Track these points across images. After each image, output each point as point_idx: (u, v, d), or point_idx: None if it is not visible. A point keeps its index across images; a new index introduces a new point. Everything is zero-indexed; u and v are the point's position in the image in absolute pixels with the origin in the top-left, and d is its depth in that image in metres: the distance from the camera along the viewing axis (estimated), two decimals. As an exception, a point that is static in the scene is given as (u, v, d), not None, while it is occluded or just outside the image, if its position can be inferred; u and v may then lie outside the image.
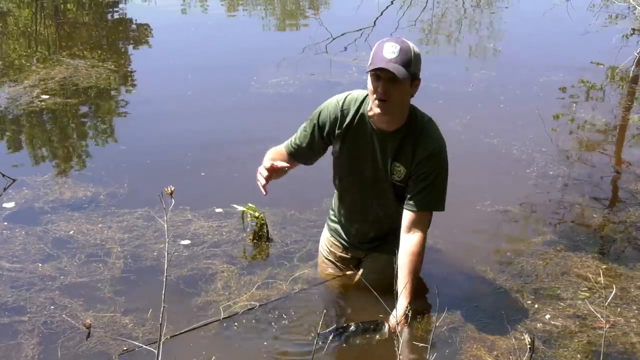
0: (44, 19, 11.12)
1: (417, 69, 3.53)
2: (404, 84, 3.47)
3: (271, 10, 12.15)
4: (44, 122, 6.77)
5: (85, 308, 3.99)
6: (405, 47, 3.46)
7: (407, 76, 3.44)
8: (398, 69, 3.41)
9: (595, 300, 4.03)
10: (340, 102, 3.74)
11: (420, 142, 3.62)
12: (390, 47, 3.45)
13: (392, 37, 3.53)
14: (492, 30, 10.41)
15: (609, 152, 6.26)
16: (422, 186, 3.67)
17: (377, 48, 3.50)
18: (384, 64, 3.42)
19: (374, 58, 3.48)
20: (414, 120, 3.65)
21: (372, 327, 3.71)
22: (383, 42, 3.50)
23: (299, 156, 3.98)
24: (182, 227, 4.83)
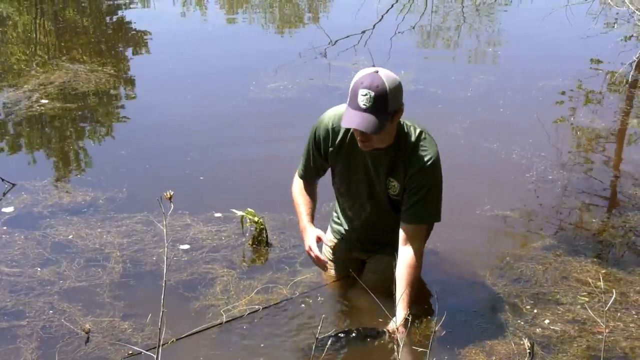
0: (44, 23, 11.12)
1: (395, 104, 3.45)
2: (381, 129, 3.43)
3: (270, 15, 12.15)
4: (43, 127, 6.77)
5: (84, 313, 4.00)
6: (380, 91, 3.37)
7: (380, 127, 3.40)
8: (370, 124, 3.38)
9: (594, 305, 4.03)
10: (331, 120, 3.73)
11: (412, 159, 3.61)
12: (364, 96, 3.38)
13: (369, 75, 3.41)
14: (492, 35, 10.41)
15: (608, 156, 6.26)
16: (415, 200, 3.66)
17: (353, 86, 3.44)
18: (356, 123, 3.39)
19: (351, 99, 3.44)
20: (404, 137, 3.62)
21: (372, 334, 3.71)
22: (359, 85, 3.41)
23: (313, 176, 4.02)
24: (181, 232, 4.83)
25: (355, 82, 3.43)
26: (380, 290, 3.82)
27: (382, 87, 3.38)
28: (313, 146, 3.83)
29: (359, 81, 3.42)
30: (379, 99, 3.38)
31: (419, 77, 7.89)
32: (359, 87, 3.40)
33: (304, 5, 12.84)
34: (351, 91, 3.45)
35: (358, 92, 3.40)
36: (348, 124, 3.42)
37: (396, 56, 8.72)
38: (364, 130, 3.39)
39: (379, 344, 3.69)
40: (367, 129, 3.38)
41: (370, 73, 3.42)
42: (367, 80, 3.40)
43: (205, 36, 10.48)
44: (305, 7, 12.74)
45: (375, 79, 3.39)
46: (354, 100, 3.42)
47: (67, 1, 12.33)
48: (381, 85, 3.38)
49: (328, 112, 3.78)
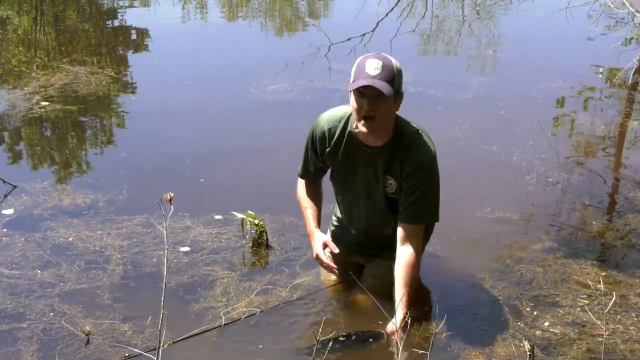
0: (44, 25, 11.13)
1: (399, 85, 3.50)
2: (389, 100, 3.44)
3: (271, 17, 12.16)
4: (43, 129, 6.78)
5: (84, 315, 4.00)
6: (387, 63, 3.43)
7: (392, 92, 3.41)
8: (383, 85, 3.38)
9: (594, 307, 4.03)
10: (328, 121, 3.74)
11: (408, 156, 3.61)
12: (373, 64, 3.41)
13: (374, 53, 3.50)
14: (492, 37, 10.42)
15: (608, 158, 6.26)
16: (412, 199, 3.66)
17: (359, 64, 3.46)
18: (368, 81, 3.38)
19: (357, 75, 3.45)
20: (401, 134, 3.62)
21: (371, 336, 3.71)
22: (365, 58, 3.47)
23: (313, 176, 4.02)
24: (182, 234, 4.83)
25: (360, 59, 3.48)
26: (379, 294, 3.82)
27: (390, 62, 3.45)
28: (310, 147, 3.85)
29: (365, 57, 3.48)
30: (388, 69, 3.42)
31: (419, 79, 7.89)
32: (365, 60, 3.45)
33: (304, 8, 12.85)
34: (356, 68, 3.47)
35: (366, 63, 3.43)
36: (359, 83, 3.40)
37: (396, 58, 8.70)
38: (377, 87, 3.37)
39: (379, 347, 3.70)
40: (380, 86, 3.37)
41: (375, 53, 3.50)
42: (373, 55, 3.47)
43: (205, 38, 10.49)
44: (306, 9, 12.75)
45: (380, 56, 3.47)
46: (361, 71, 3.43)
47: (67, 3, 12.34)
48: (388, 60, 3.45)
49: (325, 114, 3.78)
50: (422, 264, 4.28)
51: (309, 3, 13.12)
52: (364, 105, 3.44)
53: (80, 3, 12.49)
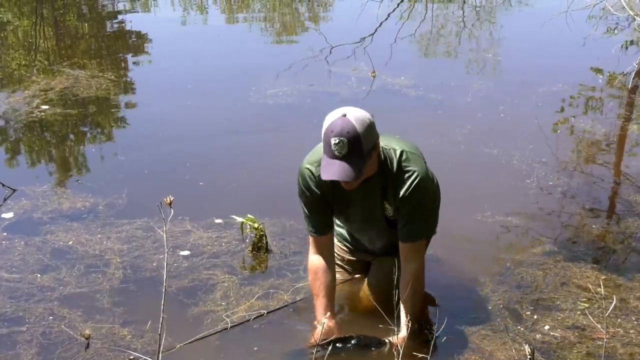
0: (44, 29, 11.13)
1: (370, 143, 3.38)
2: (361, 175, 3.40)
3: (271, 21, 12.17)
4: (43, 133, 6.77)
5: (84, 319, 4.00)
6: (352, 135, 3.29)
7: (361, 171, 3.36)
8: (350, 172, 3.32)
9: (594, 311, 4.03)
10: (311, 166, 3.65)
11: (399, 180, 3.56)
12: (337, 144, 3.30)
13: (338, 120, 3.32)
14: (492, 41, 10.43)
15: (608, 162, 6.26)
16: (409, 218, 3.64)
17: (325, 135, 3.35)
18: (336, 174, 3.32)
19: (325, 150, 3.38)
20: (386, 162, 3.57)
21: (373, 343, 3.70)
22: (329, 133, 3.32)
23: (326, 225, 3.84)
24: (182, 238, 4.83)
25: (326, 130, 3.35)
26: (384, 293, 3.83)
27: (354, 131, 3.30)
28: (305, 197, 3.74)
29: (329, 129, 3.33)
30: (353, 144, 3.31)
31: (419, 82, 7.90)
32: (330, 135, 3.32)
33: (304, 11, 12.86)
34: (324, 139, 3.38)
35: (330, 141, 3.32)
36: (327, 175, 3.35)
37: (396, 62, 8.74)
38: (343, 179, 3.35)
39: (379, 353, 3.69)
40: (347, 177, 3.33)
41: (339, 118, 3.33)
42: (337, 127, 3.31)
43: (205, 42, 10.50)
44: (306, 12, 12.76)
45: (345, 124, 3.31)
46: (327, 149, 3.36)
47: (67, 7, 12.35)
48: (352, 130, 3.30)
49: (307, 157, 3.71)
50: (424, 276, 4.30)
51: (309, 7, 13.13)
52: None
53: (80, 7, 12.50)
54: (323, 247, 3.84)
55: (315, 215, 3.76)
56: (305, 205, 3.75)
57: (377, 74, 8.13)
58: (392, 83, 7.88)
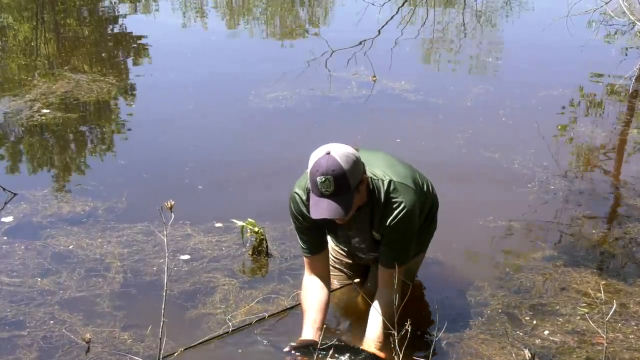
0: (45, 33, 11.15)
1: (356, 178, 3.39)
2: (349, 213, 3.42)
3: (271, 25, 12.18)
4: (44, 137, 6.77)
5: (84, 323, 4.00)
6: (337, 173, 3.30)
7: (349, 207, 3.37)
8: (338, 210, 3.34)
9: (594, 316, 4.03)
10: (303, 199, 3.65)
11: (386, 211, 3.57)
12: (323, 182, 3.31)
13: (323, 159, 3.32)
14: (492, 45, 10.44)
15: (608, 167, 6.27)
16: (389, 247, 3.66)
17: (311, 177, 3.37)
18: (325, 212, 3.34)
19: (312, 189, 3.39)
20: (374, 192, 3.57)
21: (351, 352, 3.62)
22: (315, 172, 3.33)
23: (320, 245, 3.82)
24: (182, 242, 4.84)
25: (312, 170, 3.35)
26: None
27: (339, 169, 3.30)
28: (297, 221, 3.73)
29: (315, 168, 3.33)
30: (339, 181, 3.31)
31: (420, 87, 7.90)
32: (316, 175, 3.32)
33: (305, 15, 12.87)
34: (310, 178, 3.38)
35: (316, 180, 3.32)
36: (317, 214, 3.37)
37: (397, 66, 8.75)
38: (332, 217, 3.37)
39: None
40: (336, 215, 3.35)
41: (324, 156, 3.32)
42: (322, 166, 3.31)
43: (206, 45, 10.50)
44: (306, 16, 12.77)
45: (329, 162, 3.31)
46: (314, 188, 3.36)
47: (67, 11, 12.36)
48: (337, 168, 3.30)
49: (295, 186, 3.71)
50: (424, 271, 4.31)
51: (309, 11, 13.14)
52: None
53: (81, 10, 12.51)
54: (317, 266, 3.83)
55: (308, 237, 3.76)
56: (298, 229, 3.77)
57: (377, 78, 8.13)
58: (392, 87, 7.88)
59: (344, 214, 3.37)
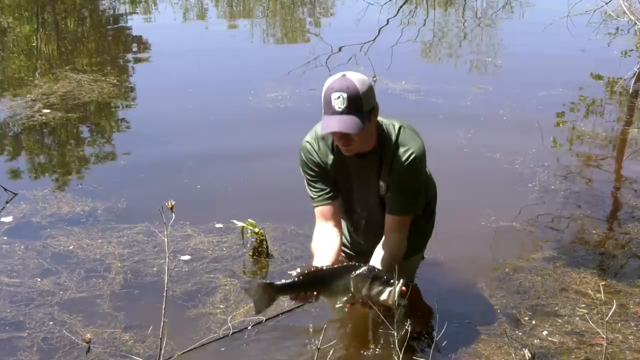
0: (46, 33, 11.15)
1: (370, 102, 3.44)
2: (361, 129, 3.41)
3: (272, 25, 12.18)
4: (44, 136, 6.79)
5: (84, 324, 4.01)
6: (352, 91, 3.36)
7: (360, 125, 3.37)
8: (350, 124, 3.36)
9: (593, 316, 4.03)
10: (314, 145, 3.69)
11: (395, 156, 3.58)
12: (337, 99, 3.36)
13: (339, 78, 3.41)
14: (492, 45, 10.44)
15: (609, 167, 6.27)
16: (397, 193, 3.63)
17: (325, 95, 3.42)
18: (335, 126, 3.36)
19: (325, 108, 3.42)
20: (385, 137, 3.60)
21: (385, 280, 3.38)
22: (330, 88, 3.40)
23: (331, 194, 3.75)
24: (182, 242, 4.84)
25: (327, 89, 3.42)
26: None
27: (354, 88, 3.37)
28: (308, 168, 3.75)
29: (330, 87, 3.41)
30: (353, 99, 3.36)
31: (420, 87, 7.91)
32: (330, 92, 3.39)
33: (306, 16, 12.88)
34: (324, 99, 3.43)
35: (331, 97, 3.38)
36: (327, 128, 3.40)
37: (397, 66, 8.74)
38: (344, 131, 3.37)
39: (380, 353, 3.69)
40: (347, 129, 3.36)
41: (339, 77, 3.42)
42: (337, 84, 3.39)
43: (206, 45, 10.51)
44: (307, 17, 12.78)
45: (345, 81, 3.39)
46: (328, 106, 3.40)
47: (68, 11, 12.37)
48: (352, 86, 3.38)
49: (308, 134, 3.74)
50: (423, 272, 4.31)
51: (310, 11, 13.14)
52: (338, 138, 3.48)
53: (81, 10, 12.52)
54: (328, 215, 3.75)
55: (319, 184, 3.74)
56: (308, 177, 3.75)
57: (378, 78, 8.13)
58: (393, 87, 7.88)
59: (355, 130, 3.36)
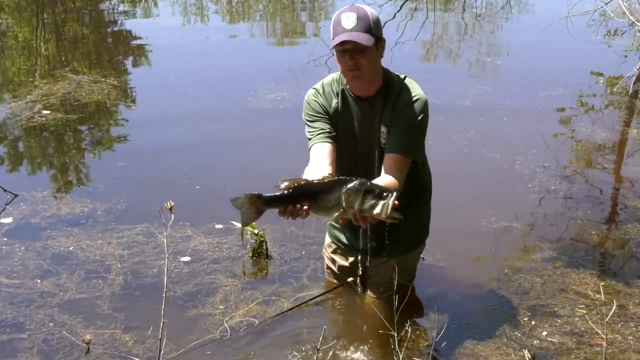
0: (45, 34, 11.16)
1: (379, 31, 3.52)
2: (370, 49, 3.47)
3: (272, 26, 12.19)
4: (43, 138, 6.78)
5: (84, 325, 4.01)
6: (362, 13, 3.47)
7: (371, 41, 3.44)
8: (361, 37, 3.41)
9: (592, 317, 4.03)
10: (319, 90, 3.75)
11: (401, 95, 3.61)
12: (347, 18, 3.44)
13: (348, 6, 3.51)
14: (492, 46, 10.44)
15: (608, 168, 6.27)
16: (398, 133, 3.60)
17: (335, 20, 3.50)
18: (346, 36, 3.42)
19: (335, 31, 3.48)
20: (391, 81, 3.65)
21: (377, 193, 3.21)
22: (340, 12, 3.50)
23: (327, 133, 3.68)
24: (182, 243, 4.85)
25: (336, 16, 3.51)
26: (381, 299, 3.85)
27: (363, 11, 3.49)
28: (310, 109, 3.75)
29: (339, 11, 3.51)
30: (363, 19, 3.44)
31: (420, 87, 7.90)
32: (340, 14, 3.48)
33: (305, 17, 12.88)
34: (333, 24, 3.50)
35: (341, 17, 3.46)
36: (338, 40, 3.43)
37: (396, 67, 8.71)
38: (355, 39, 3.40)
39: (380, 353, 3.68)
40: (358, 39, 3.40)
41: (348, 6, 3.51)
42: (347, 8, 3.49)
43: (206, 47, 10.52)
44: (307, 18, 12.78)
45: (354, 6, 3.50)
46: (338, 26, 3.46)
47: (68, 12, 12.37)
48: (362, 9, 3.49)
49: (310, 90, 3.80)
50: (423, 272, 4.32)
51: (310, 12, 13.14)
52: (348, 60, 3.48)
53: (82, 12, 12.52)
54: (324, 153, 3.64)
55: (317, 124, 3.71)
56: (308, 119, 3.74)
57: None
58: (392, 88, 7.87)
59: (366, 41, 3.41)
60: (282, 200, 3.27)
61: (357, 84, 3.59)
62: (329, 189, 3.23)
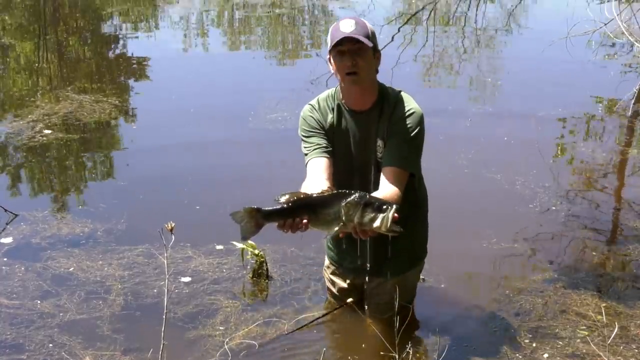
0: (47, 53, 11.19)
1: (375, 41, 3.57)
2: (368, 51, 3.51)
3: (272, 46, 12.22)
4: (45, 157, 6.79)
5: (84, 346, 4.00)
6: (360, 21, 3.53)
7: (370, 43, 3.48)
8: (360, 34, 3.47)
9: (594, 339, 4.01)
10: (314, 105, 3.76)
11: (396, 109, 3.63)
12: (346, 23, 3.50)
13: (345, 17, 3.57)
14: (491, 65, 10.47)
15: (609, 188, 6.27)
16: (395, 146, 3.61)
17: (333, 28, 3.55)
18: (347, 31, 3.46)
19: (333, 37, 3.51)
20: (386, 95, 3.68)
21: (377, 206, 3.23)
22: (338, 22, 3.55)
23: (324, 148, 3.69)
24: (183, 264, 4.84)
25: (334, 25, 3.57)
26: (382, 321, 3.83)
27: (362, 20, 3.56)
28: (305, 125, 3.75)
29: (338, 21, 3.58)
30: (362, 26, 3.51)
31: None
32: (338, 22, 3.55)
33: (306, 37, 12.92)
34: (331, 32, 3.55)
35: (339, 24, 3.53)
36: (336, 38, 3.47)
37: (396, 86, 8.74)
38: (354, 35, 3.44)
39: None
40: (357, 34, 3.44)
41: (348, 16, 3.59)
42: (345, 17, 3.56)
43: (207, 66, 10.56)
44: (308, 38, 12.82)
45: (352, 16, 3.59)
46: (336, 32, 3.50)
47: (70, 32, 12.42)
48: (359, 19, 3.56)
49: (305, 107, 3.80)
50: (424, 293, 4.31)
51: (311, 32, 13.19)
52: (346, 62, 3.51)
53: (83, 31, 12.57)
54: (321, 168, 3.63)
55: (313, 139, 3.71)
56: (304, 135, 3.75)
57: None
58: (393, 108, 7.88)
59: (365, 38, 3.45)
60: (281, 213, 3.31)
61: (355, 90, 3.63)
62: (329, 202, 3.25)
